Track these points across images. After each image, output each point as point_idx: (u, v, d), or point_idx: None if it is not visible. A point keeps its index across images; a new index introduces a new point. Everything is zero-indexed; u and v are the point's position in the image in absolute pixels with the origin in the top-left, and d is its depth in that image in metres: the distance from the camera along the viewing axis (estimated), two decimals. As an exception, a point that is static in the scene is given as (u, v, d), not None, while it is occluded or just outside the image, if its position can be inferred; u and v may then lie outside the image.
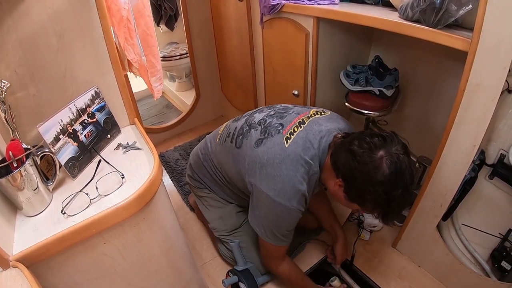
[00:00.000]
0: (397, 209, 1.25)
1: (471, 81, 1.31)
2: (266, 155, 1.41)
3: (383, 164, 1.18)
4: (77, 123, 1.19)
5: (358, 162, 1.21)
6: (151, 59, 1.66)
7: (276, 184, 1.36)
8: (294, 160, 1.37)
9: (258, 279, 1.77)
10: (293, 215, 1.42)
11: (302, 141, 1.40)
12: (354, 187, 1.26)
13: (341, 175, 1.30)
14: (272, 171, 1.38)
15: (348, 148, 1.26)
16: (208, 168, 1.80)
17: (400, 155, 1.19)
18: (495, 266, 1.71)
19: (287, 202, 1.36)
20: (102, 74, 1.30)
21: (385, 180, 1.17)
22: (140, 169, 1.12)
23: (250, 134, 1.53)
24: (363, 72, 1.88)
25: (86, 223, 0.94)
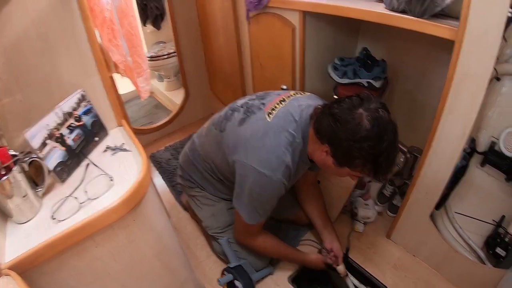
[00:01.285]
0: (386, 164, 1.26)
1: (459, 70, 1.31)
2: (249, 131, 1.43)
3: (364, 120, 1.19)
4: (64, 127, 1.17)
5: (340, 123, 1.23)
6: (137, 59, 1.65)
7: (261, 155, 1.37)
8: (277, 132, 1.39)
9: (253, 275, 1.77)
10: (276, 188, 1.41)
11: (284, 115, 1.43)
12: (340, 149, 1.27)
13: (326, 140, 1.31)
14: (255, 143, 1.39)
15: (328, 112, 1.28)
16: (197, 165, 1.79)
17: (379, 109, 1.21)
18: (489, 253, 1.71)
19: (271, 173, 1.36)
20: (88, 76, 1.28)
21: (369, 135, 1.19)
22: (128, 171, 1.11)
23: (233, 116, 1.55)
24: (351, 65, 1.88)
25: (76, 227, 0.93)
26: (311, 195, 1.93)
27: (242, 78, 2.45)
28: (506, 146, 1.67)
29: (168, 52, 3.50)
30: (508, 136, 1.66)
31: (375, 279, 1.86)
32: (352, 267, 1.91)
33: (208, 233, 1.90)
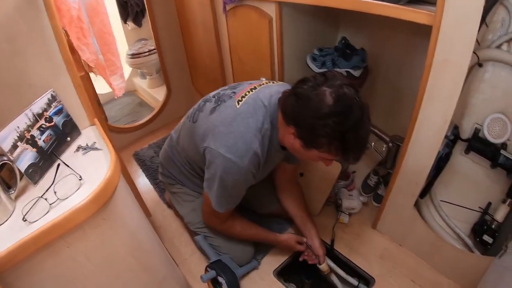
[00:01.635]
0: (355, 142, 1.22)
1: (438, 56, 1.30)
2: (218, 118, 1.43)
3: (326, 97, 1.17)
4: (34, 129, 1.15)
5: (302, 100, 1.21)
6: (110, 57, 1.62)
7: (228, 140, 1.36)
8: (245, 118, 1.38)
9: (237, 270, 1.75)
10: (244, 175, 1.40)
11: (253, 101, 1.42)
12: (304, 128, 1.24)
13: (291, 121, 1.28)
14: (223, 129, 1.38)
15: (291, 92, 1.27)
16: (175, 161, 1.78)
17: (343, 85, 1.19)
18: (477, 241, 1.72)
19: (239, 159, 1.35)
20: (57, 76, 1.26)
21: (332, 111, 1.16)
22: (98, 170, 1.09)
23: (205, 106, 1.55)
24: (329, 55, 1.87)
25: (46, 227, 0.91)
26: (289, 192, 1.91)
27: (222, 72, 2.43)
28: (490, 132, 1.66)
29: (149, 49, 3.47)
30: (492, 122, 1.65)
31: (361, 270, 1.86)
32: (338, 259, 1.90)
33: (191, 229, 1.89)
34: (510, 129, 1.61)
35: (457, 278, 1.76)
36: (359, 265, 1.87)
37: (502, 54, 1.56)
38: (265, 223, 2.01)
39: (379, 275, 1.82)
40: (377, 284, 1.79)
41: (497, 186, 1.73)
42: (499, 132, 1.63)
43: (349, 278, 1.81)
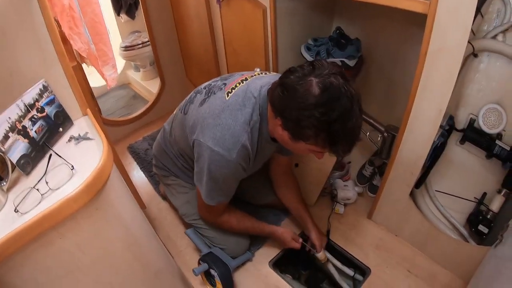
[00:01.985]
0: (343, 134, 1.17)
1: (433, 45, 1.29)
2: (207, 110, 1.41)
3: (313, 87, 1.13)
4: (26, 119, 1.13)
5: (288, 91, 1.18)
6: (102, 47, 1.60)
7: (215, 133, 1.34)
8: (234, 110, 1.35)
9: (231, 262, 1.74)
10: (232, 168, 1.39)
11: (243, 93, 1.39)
12: (290, 120, 1.21)
13: (277, 111, 1.26)
14: (212, 121, 1.36)
15: (279, 83, 1.23)
16: (169, 153, 1.77)
17: (331, 75, 1.14)
18: (472, 231, 1.72)
19: (226, 152, 1.33)
20: (49, 66, 1.24)
21: (318, 101, 1.12)
22: (90, 159, 1.08)
23: (196, 98, 1.53)
24: (324, 44, 1.85)
25: (37, 218, 0.90)
26: (285, 184, 1.90)
27: (216, 63, 2.41)
28: (485, 122, 1.65)
29: (143, 41, 3.45)
30: (487, 113, 1.65)
31: (357, 260, 1.86)
32: (334, 249, 1.90)
33: (186, 221, 1.88)
34: (505, 119, 1.61)
35: (453, 268, 1.76)
36: (355, 256, 1.87)
37: (497, 45, 1.55)
38: (261, 215, 2.01)
39: (375, 265, 1.82)
40: (373, 274, 1.79)
41: (492, 177, 1.73)
42: (494, 123, 1.63)
43: (345, 269, 1.81)
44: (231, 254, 1.80)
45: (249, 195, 2.05)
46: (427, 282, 1.75)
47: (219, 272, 1.65)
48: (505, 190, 1.64)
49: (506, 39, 1.56)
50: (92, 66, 1.64)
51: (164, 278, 1.46)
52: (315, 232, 1.81)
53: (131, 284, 1.28)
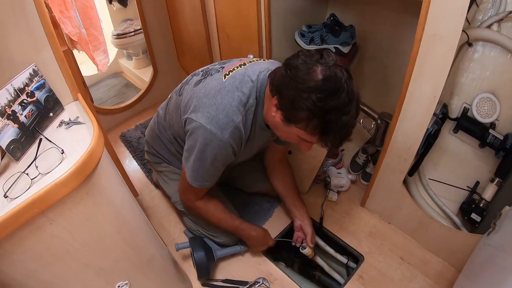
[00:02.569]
0: (336, 125, 1.16)
1: (427, 31, 1.29)
2: (203, 90, 1.39)
3: (316, 71, 1.13)
4: (15, 104, 1.11)
5: (290, 70, 1.17)
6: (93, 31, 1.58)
7: (210, 112, 1.33)
8: (230, 91, 1.34)
9: (217, 252, 1.75)
10: (223, 149, 1.37)
11: (240, 76, 1.38)
12: (287, 97, 1.19)
13: (275, 90, 1.25)
14: (207, 101, 1.35)
15: (284, 63, 1.23)
16: (162, 138, 1.75)
17: (337, 66, 1.15)
18: (465, 219, 1.74)
19: (219, 131, 1.32)
20: (39, 51, 1.21)
21: (318, 87, 1.12)
22: (81, 143, 1.06)
23: (192, 79, 1.52)
24: (318, 31, 1.84)
25: (26, 203, 0.88)
26: (279, 172, 1.89)
27: (209, 50, 2.38)
28: (478, 112, 1.67)
29: (135, 29, 3.42)
30: (480, 102, 1.66)
31: (350, 247, 1.87)
32: (327, 236, 1.91)
33: (178, 209, 1.88)
34: (499, 109, 1.62)
35: (445, 256, 1.78)
36: (348, 243, 1.88)
37: (492, 34, 1.56)
38: (254, 202, 2.01)
39: (368, 252, 1.83)
40: (366, 261, 1.80)
41: (485, 166, 1.75)
42: (487, 112, 1.64)
43: (338, 256, 1.82)
44: (222, 243, 1.81)
45: (243, 183, 2.05)
46: (420, 269, 1.76)
47: (196, 257, 1.64)
48: (497, 179, 1.66)
49: (501, 29, 1.57)
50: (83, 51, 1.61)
51: (157, 265, 1.45)
52: (308, 221, 1.81)
53: (123, 270, 1.27)
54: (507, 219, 1.27)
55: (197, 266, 1.65)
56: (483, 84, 1.67)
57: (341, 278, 1.83)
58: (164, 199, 2.18)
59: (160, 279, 1.50)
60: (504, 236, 1.25)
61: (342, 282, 1.80)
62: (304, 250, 1.76)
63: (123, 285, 1.28)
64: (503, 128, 1.66)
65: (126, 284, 1.29)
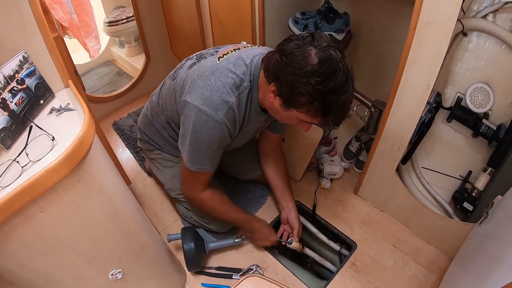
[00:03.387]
0: (336, 105, 1.19)
1: (422, 19, 1.28)
2: (197, 71, 1.39)
3: (311, 56, 1.14)
4: (5, 92, 1.09)
5: (286, 56, 1.18)
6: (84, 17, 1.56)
7: (204, 93, 1.33)
8: (224, 73, 1.34)
9: (209, 244, 1.74)
10: (218, 129, 1.36)
11: (234, 59, 1.38)
12: (285, 84, 1.20)
13: (271, 77, 1.25)
14: (200, 82, 1.35)
15: (277, 49, 1.23)
16: (155, 124, 1.74)
17: (330, 47, 1.15)
18: (457, 208, 1.75)
19: (213, 112, 1.32)
20: (29, 37, 1.19)
21: (316, 70, 1.13)
22: (71, 130, 1.04)
23: (186, 63, 1.52)
24: (312, 18, 1.83)
25: (17, 191, 0.87)
26: (272, 161, 1.89)
27: (202, 37, 2.36)
28: (472, 101, 1.68)
29: (127, 16, 3.37)
30: (474, 92, 1.67)
31: (343, 235, 1.88)
32: (320, 224, 1.91)
33: (171, 196, 1.87)
34: (492, 99, 1.63)
35: (438, 244, 1.79)
36: (341, 230, 1.89)
37: (487, 25, 1.56)
38: (247, 189, 2.01)
39: (360, 240, 1.85)
40: (359, 249, 1.81)
41: (478, 155, 1.76)
42: (481, 102, 1.65)
43: (331, 243, 1.83)
44: (213, 230, 1.82)
45: (236, 170, 2.05)
46: (412, 257, 1.78)
47: (184, 248, 1.63)
48: (490, 168, 1.66)
49: (496, 19, 1.57)
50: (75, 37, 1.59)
51: (150, 253, 1.45)
52: (296, 214, 1.81)
53: (115, 258, 1.26)
54: (499, 209, 1.27)
55: (186, 257, 1.64)
56: (477, 74, 1.67)
57: (333, 267, 1.84)
58: (157, 187, 2.17)
59: (153, 267, 1.50)
60: (495, 225, 1.26)
61: (334, 270, 1.80)
62: (291, 245, 1.75)
63: (116, 273, 1.27)
64: (496, 118, 1.66)
65: (120, 272, 1.28)
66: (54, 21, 1.45)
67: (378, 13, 1.95)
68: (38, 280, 1.12)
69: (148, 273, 1.48)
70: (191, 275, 1.74)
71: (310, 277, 1.84)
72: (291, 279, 1.72)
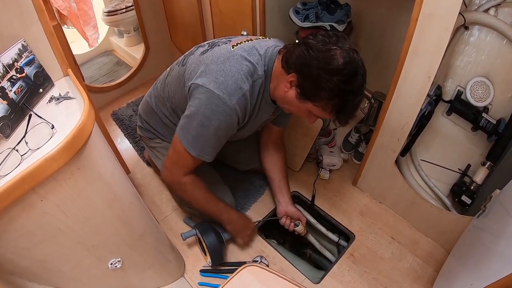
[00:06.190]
0: (352, 105, 1.27)
1: (424, 10, 1.28)
2: (210, 57, 1.39)
3: (337, 55, 1.19)
4: (4, 80, 1.09)
5: (312, 51, 1.21)
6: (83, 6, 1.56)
7: (218, 77, 1.33)
8: (239, 60, 1.35)
9: (225, 235, 1.73)
10: (228, 116, 1.35)
11: (248, 48, 1.40)
12: (308, 76, 1.24)
13: (294, 68, 1.28)
14: (215, 67, 1.35)
15: (302, 42, 1.26)
16: (158, 112, 1.72)
17: (353, 51, 1.21)
18: (455, 201, 1.75)
19: (226, 97, 1.31)
20: (28, 25, 1.18)
21: (340, 70, 1.18)
22: (71, 118, 1.04)
23: (197, 50, 1.51)
24: (313, 8, 1.82)
25: (16, 179, 0.87)
26: (272, 153, 1.89)
27: (202, 26, 2.35)
28: (472, 95, 1.68)
29: (126, 5, 3.33)
30: (474, 86, 1.67)
31: (342, 226, 1.88)
32: (319, 214, 1.92)
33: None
34: (493, 93, 1.63)
35: (435, 236, 1.80)
36: (339, 221, 1.90)
37: (488, 18, 1.56)
38: (246, 179, 2.01)
39: (359, 231, 1.85)
40: (357, 240, 1.82)
41: (477, 149, 1.76)
42: (481, 96, 1.65)
43: (330, 234, 1.84)
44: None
45: (235, 160, 2.05)
46: (410, 249, 1.79)
47: (208, 243, 1.63)
48: (489, 162, 1.67)
49: (498, 13, 1.57)
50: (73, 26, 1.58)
51: (149, 242, 1.45)
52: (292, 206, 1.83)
53: (114, 247, 1.27)
54: (497, 203, 1.28)
55: (210, 251, 1.63)
56: (477, 68, 1.67)
57: (332, 256, 1.85)
58: (156, 176, 2.17)
59: (152, 257, 1.51)
60: (493, 219, 1.27)
61: (333, 260, 1.81)
62: (297, 227, 1.77)
63: (115, 262, 1.28)
64: (496, 113, 1.67)
65: (119, 262, 1.29)
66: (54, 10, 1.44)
67: (379, 4, 1.94)
68: (37, 269, 1.13)
69: (147, 262, 1.49)
70: (190, 265, 1.76)
71: (308, 267, 1.85)
72: (290, 269, 1.73)
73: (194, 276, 1.72)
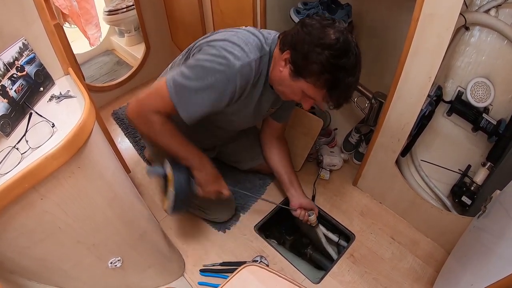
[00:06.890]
0: (343, 84, 1.25)
1: (425, 10, 1.28)
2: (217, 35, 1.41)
3: (330, 32, 1.21)
4: (5, 79, 1.09)
5: (306, 27, 1.24)
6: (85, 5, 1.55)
7: (230, 38, 1.33)
8: (247, 34, 1.37)
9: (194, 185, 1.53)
10: (226, 79, 1.28)
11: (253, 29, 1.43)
12: (300, 52, 1.25)
13: (288, 45, 1.29)
14: (227, 33, 1.38)
15: (299, 22, 1.29)
16: None
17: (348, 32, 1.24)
18: (455, 201, 1.75)
19: (231, 57, 1.27)
20: (29, 24, 1.18)
21: (332, 45, 1.20)
22: (71, 116, 1.04)
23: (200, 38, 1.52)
24: (313, 8, 1.82)
25: (16, 178, 0.87)
26: (276, 149, 1.88)
27: (203, 26, 2.35)
28: (473, 96, 1.68)
29: (127, 5, 3.33)
30: (475, 86, 1.67)
31: (342, 226, 1.88)
32: (319, 214, 1.91)
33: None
34: (493, 94, 1.64)
35: (435, 237, 1.80)
36: (339, 221, 1.90)
37: (489, 19, 1.56)
38: (246, 179, 2.01)
39: (359, 231, 1.85)
40: (357, 240, 1.82)
41: (477, 150, 1.76)
42: (482, 96, 1.66)
43: (330, 234, 1.84)
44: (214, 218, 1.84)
45: (236, 159, 2.05)
46: (410, 249, 1.78)
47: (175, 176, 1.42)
48: (489, 163, 1.67)
49: (498, 14, 1.57)
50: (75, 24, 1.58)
51: (149, 241, 1.46)
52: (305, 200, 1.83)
53: (114, 246, 1.27)
54: (497, 203, 1.28)
55: (176, 189, 1.41)
56: (478, 69, 1.68)
57: (335, 254, 1.84)
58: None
59: (152, 256, 1.51)
60: (493, 219, 1.27)
61: (335, 257, 1.81)
62: (311, 217, 1.77)
63: (115, 262, 1.28)
64: (496, 113, 1.67)
65: (119, 261, 1.29)
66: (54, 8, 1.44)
67: (380, 5, 1.94)
68: (37, 268, 1.13)
69: (147, 262, 1.49)
70: (190, 264, 1.75)
71: (308, 267, 1.85)
72: (290, 269, 1.73)
73: (194, 276, 1.72)
